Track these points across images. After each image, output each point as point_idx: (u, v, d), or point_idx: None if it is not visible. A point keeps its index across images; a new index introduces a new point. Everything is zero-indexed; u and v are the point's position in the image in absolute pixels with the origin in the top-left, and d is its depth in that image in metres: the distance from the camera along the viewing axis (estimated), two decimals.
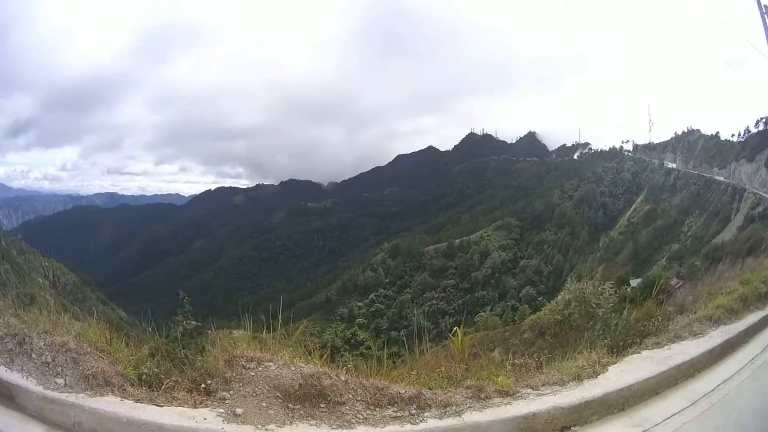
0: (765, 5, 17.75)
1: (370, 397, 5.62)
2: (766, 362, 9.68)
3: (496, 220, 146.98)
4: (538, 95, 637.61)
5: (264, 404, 5.26)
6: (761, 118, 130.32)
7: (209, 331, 7.09)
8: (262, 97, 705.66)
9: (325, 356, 6.67)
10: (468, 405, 5.86)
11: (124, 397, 5.24)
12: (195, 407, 5.19)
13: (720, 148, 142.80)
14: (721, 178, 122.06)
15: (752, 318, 11.81)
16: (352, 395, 5.57)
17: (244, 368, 5.66)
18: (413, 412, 5.58)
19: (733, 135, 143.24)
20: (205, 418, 5.04)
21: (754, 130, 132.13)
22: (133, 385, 5.47)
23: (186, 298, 6.77)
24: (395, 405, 5.62)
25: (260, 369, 5.67)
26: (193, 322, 6.59)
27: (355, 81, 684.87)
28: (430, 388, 6.12)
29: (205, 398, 5.35)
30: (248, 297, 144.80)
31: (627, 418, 6.74)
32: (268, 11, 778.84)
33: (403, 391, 5.79)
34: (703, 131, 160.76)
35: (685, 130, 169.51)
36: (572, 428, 6.23)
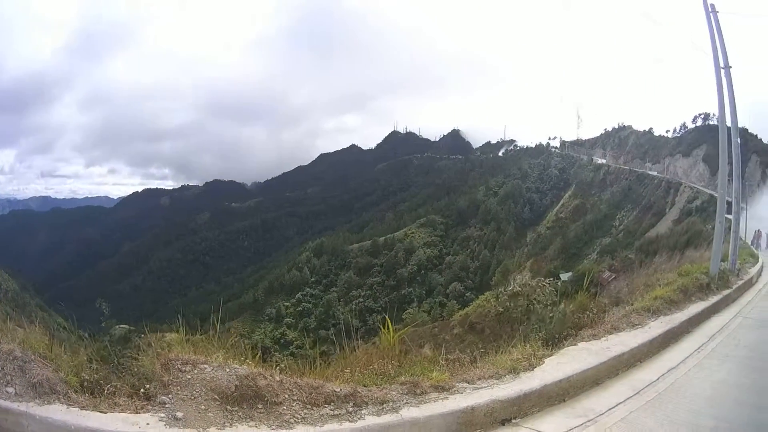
0: (711, 4, 18.14)
1: (306, 397, 5.55)
2: (715, 351, 10.08)
3: (420, 218, 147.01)
4: (463, 94, 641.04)
5: (203, 407, 5.18)
6: (699, 114, 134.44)
7: (143, 336, 6.87)
8: (188, 97, 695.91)
9: (257, 357, 6.57)
10: (405, 401, 5.79)
11: (70, 405, 5.10)
12: (137, 413, 5.08)
13: (653, 144, 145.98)
14: (655, 173, 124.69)
15: (695, 308, 12.53)
16: (288, 395, 5.50)
17: (180, 371, 5.56)
18: (350, 410, 5.48)
19: (667, 131, 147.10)
20: (148, 423, 4.94)
21: (691, 125, 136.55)
22: (77, 392, 5.31)
23: (105, 305, 6.64)
24: (332, 403, 5.55)
25: (196, 372, 5.58)
26: (126, 327, 6.44)
27: (281, 80, 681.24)
28: (364, 386, 6.05)
29: (145, 403, 5.24)
30: (177, 299, 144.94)
31: (569, 409, 6.80)
32: (199, 9, 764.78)
33: (339, 390, 5.68)
34: (635, 127, 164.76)
35: (616, 127, 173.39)
36: (513, 421, 6.27)
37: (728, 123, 18.80)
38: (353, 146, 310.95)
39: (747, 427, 6.73)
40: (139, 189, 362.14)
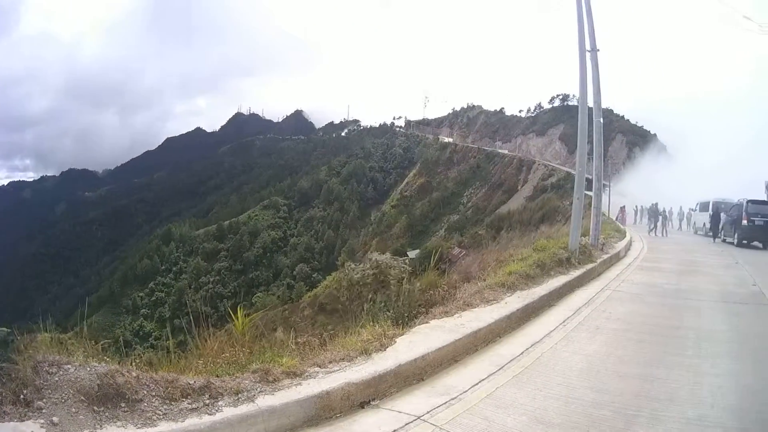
0: None
1: (164, 391, 5.40)
2: (583, 324, 10.37)
3: (264, 200, 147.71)
4: (309, 75, 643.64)
5: (73, 410, 4.97)
6: (557, 95, 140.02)
7: (18, 338, 6.55)
8: (50, 83, 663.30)
9: (117, 352, 6.52)
10: (259, 389, 5.70)
11: None
12: (22, 420, 4.84)
13: (505, 123, 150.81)
14: (505, 151, 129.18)
15: (555, 282, 12.96)
16: (147, 391, 5.35)
17: (49, 374, 5.31)
18: (207, 402, 5.39)
19: (521, 110, 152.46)
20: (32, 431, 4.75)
21: (548, 106, 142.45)
22: None
23: None
24: (189, 397, 5.43)
25: (61, 373, 5.34)
26: (5, 330, 6.63)
27: (134, 62, 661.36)
28: (217, 376, 5.97)
29: (26, 410, 4.99)
30: (44, 296, 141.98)
31: (429, 388, 6.80)
32: None
33: (193, 382, 5.58)
34: (485, 107, 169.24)
35: (465, 106, 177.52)
36: (372, 403, 6.26)
37: (591, 104, 19.71)
38: (198, 129, 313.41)
39: (636, 398, 6.70)
40: (5, 182, 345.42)
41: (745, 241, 30.58)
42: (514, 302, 10.35)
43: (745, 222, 30.12)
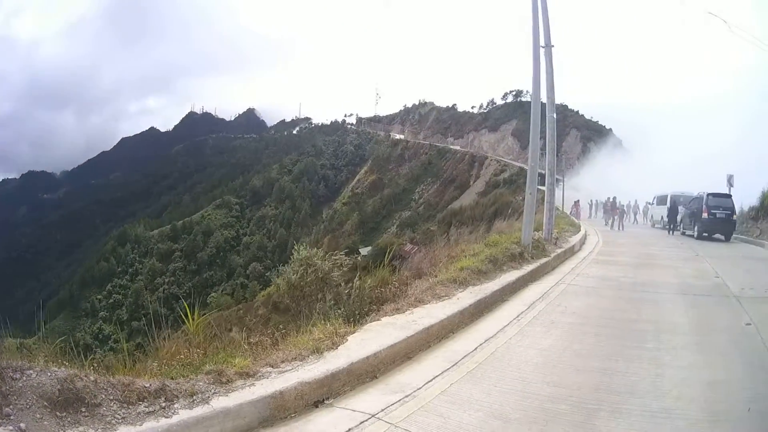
0: None
1: (121, 395, 5.36)
2: (538, 318, 10.35)
3: (216, 199, 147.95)
4: (261, 72, 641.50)
5: (38, 416, 4.90)
6: (510, 91, 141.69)
7: None
8: (8, 85, 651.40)
9: (78, 356, 6.39)
10: (213, 391, 5.71)
11: None
12: None
13: (457, 119, 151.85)
14: (457, 148, 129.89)
15: (508, 277, 12.95)
16: (105, 395, 5.29)
17: (13, 379, 5.21)
18: (163, 405, 5.35)
19: (473, 107, 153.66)
20: None
21: (501, 102, 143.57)
22: None
23: None
24: (145, 400, 5.40)
25: (24, 379, 5.26)
26: None
27: (92, 61, 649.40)
28: (172, 378, 5.92)
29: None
30: (7, 301, 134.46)
31: (383, 386, 6.78)
32: None
33: (148, 385, 5.52)
34: (437, 104, 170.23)
35: (416, 103, 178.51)
36: (326, 402, 6.27)
37: (544, 99, 19.69)
38: (152, 129, 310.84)
39: (596, 392, 6.64)
40: None
41: (705, 234, 30.82)
42: (466, 298, 10.30)
43: (705, 215, 30.36)
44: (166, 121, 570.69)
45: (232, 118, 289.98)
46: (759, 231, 29.85)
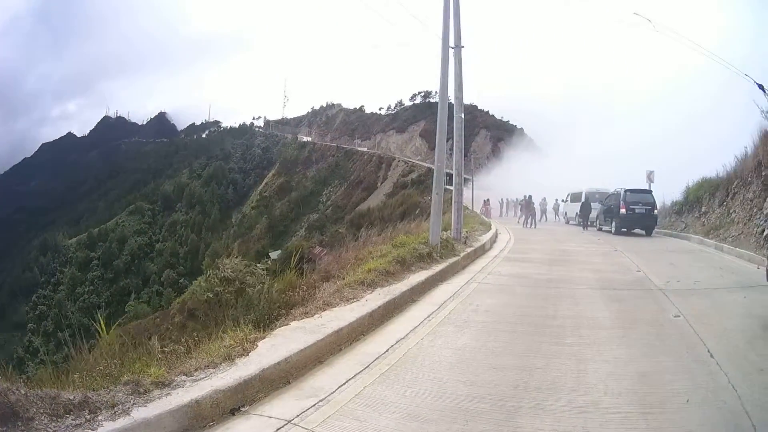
0: None
1: (50, 408, 5.25)
2: (450, 318, 10.25)
3: (129, 205, 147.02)
4: (173, 75, 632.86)
5: None
6: (419, 92, 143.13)
7: None
8: None
9: (10, 369, 6.56)
10: (132, 402, 5.62)
11: None
12: None
13: (364, 121, 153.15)
14: (365, 149, 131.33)
15: (417, 278, 12.95)
16: (36, 408, 5.18)
17: None
18: (88, 417, 5.26)
19: (381, 108, 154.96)
20: None
21: (409, 103, 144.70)
22: None
23: None
24: (71, 413, 5.30)
25: None
26: None
27: (18, 65, 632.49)
28: (94, 390, 5.84)
29: None
30: None
31: (297, 391, 6.72)
32: None
33: (72, 397, 5.43)
34: (344, 105, 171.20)
35: (324, 105, 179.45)
36: (242, 409, 6.19)
37: (452, 99, 20.16)
38: (69, 134, 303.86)
39: (515, 389, 6.57)
40: None
41: (624, 229, 31.52)
42: (374, 299, 10.32)
43: (623, 211, 31.09)
44: (85, 125, 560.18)
45: (144, 123, 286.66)
46: (684, 225, 30.47)
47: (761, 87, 20.77)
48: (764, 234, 18.57)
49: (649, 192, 32.75)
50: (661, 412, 5.93)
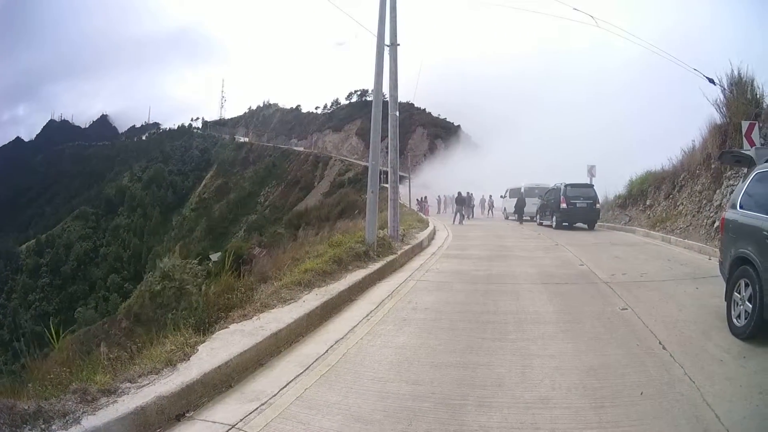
0: None
1: (8, 418, 5.24)
2: (388, 317, 10.22)
3: (74, 210, 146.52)
4: (115, 77, 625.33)
5: None
6: (355, 91, 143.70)
7: None
8: None
9: None
10: (82, 410, 5.55)
11: None
12: None
13: (301, 120, 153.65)
14: (301, 149, 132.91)
15: (354, 277, 13.01)
16: None
17: None
18: (43, 427, 5.26)
19: (317, 107, 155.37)
20: None
21: (345, 102, 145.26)
22: None
23: None
24: (28, 423, 5.27)
25: None
26: None
27: None
28: (46, 399, 5.74)
29: None
30: None
31: (239, 394, 6.66)
32: None
33: (27, 407, 5.42)
34: (281, 105, 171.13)
35: (261, 105, 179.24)
36: (187, 415, 6.13)
37: (387, 97, 20.18)
38: (17, 139, 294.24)
39: (459, 387, 6.49)
40: None
41: (565, 224, 31.63)
42: (312, 300, 10.33)
43: (564, 205, 31.14)
44: (33, 129, 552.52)
45: (87, 125, 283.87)
46: (628, 218, 30.66)
47: (711, 81, 21.04)
48: (715, 225, 18.70)
49: (591, 186, 32.88)
50: (613, 406, 5.84)
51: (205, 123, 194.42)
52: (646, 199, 29.18)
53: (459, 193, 43.68)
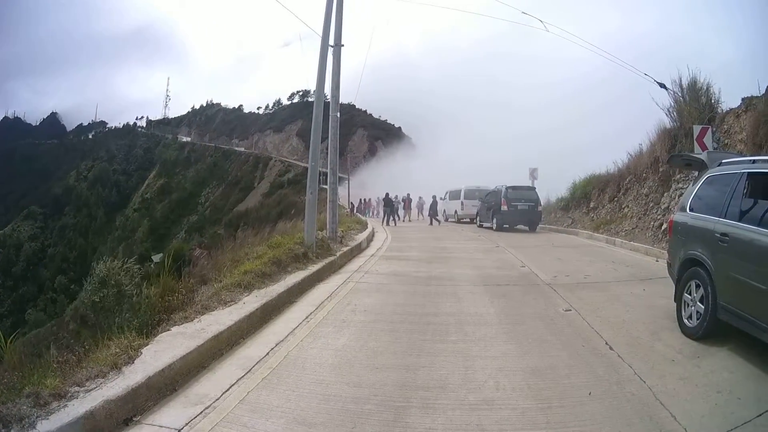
0: None
1: None
2: (328, 318, 10.20)
3: (24, 209, 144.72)
4: (65, 73, 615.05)
5: None
6: (297, 91, 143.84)
7: None
8: None
9: None
10: (36, 414, 5.42)
11: None
12: None
13: (242, 121, 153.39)
14: (242, 149, 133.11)
15: (293, 279, 12.99)
16: None
17: None
18: (2, 431, 5.16)
19: (259, 107, 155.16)
20: None
21: (287, 102, 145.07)
22: None
23: None
24: None
25: None
26: None
27: None
28: (3, 403, 5.63)
29: None
30: None
31: (183, 398, 6.56)
32: None
33: None
34: (224, 105, 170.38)
35: (204, 104, 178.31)
36: (134, 419, 6.01)
37: (329, 98, 20.29)
38: None
39: (401, 389, 6.50)
40: None
41: (506, 226, 31.71)
42: (252, 302, 10.26)
43: (505, 207, 31.31)
44: None
45: (38, 123, 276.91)
46: (571, 220, 31.08)
47: (662, 85, 21.35)
48: (663, 228, 18.93)
49: (533, 189, 33.13)
50: (561, 407, 5.85)
51: (149, 122, 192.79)
52: (590, 201, 29.63)
53: (387, 195, 43.75)
